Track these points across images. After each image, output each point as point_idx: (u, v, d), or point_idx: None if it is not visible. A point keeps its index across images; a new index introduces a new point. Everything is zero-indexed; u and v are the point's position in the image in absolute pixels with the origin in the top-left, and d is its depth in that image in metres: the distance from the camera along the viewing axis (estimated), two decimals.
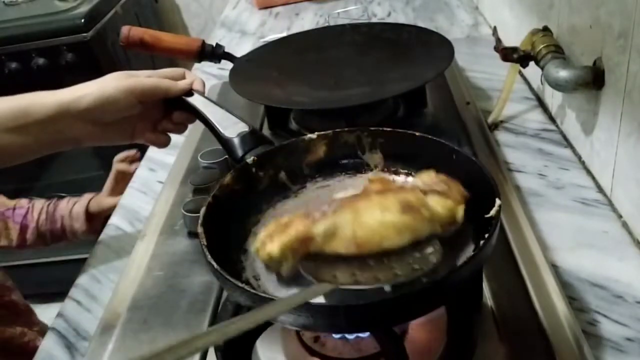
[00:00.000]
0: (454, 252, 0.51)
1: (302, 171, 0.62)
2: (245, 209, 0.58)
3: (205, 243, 0.48)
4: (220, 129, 0.68)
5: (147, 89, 0.70)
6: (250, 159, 0.60)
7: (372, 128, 0.62)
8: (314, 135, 0.62)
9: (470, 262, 0.45)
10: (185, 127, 0.78)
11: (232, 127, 0.67)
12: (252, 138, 0.65)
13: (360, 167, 0.63)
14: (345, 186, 0.60)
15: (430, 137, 0.60)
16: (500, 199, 0.50)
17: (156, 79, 0.72)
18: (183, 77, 0.76)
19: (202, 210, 0.52)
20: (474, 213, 0.51)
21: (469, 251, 0.50)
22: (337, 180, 0.62)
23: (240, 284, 0.45)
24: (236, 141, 0.65)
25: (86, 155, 1.83)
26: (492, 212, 0.49)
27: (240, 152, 0.63)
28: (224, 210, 0.55)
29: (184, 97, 0.74)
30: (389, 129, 0.62)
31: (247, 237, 0.56)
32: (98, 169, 1.77)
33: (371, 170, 0.62)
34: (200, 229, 0.49)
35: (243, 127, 0.66)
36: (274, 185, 0.61)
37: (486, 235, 0.46)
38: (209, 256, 0.47)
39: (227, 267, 0.47)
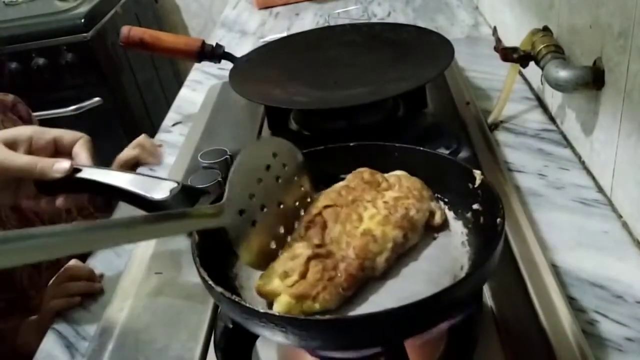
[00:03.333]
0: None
1: None
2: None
3: (205, 271, 0.47)
4: (143, 193, 0.56)
5: (15, 169, 0.60)
6: None
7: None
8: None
9: (472, 276, 0.45)
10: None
11: (156, 188, 0.55)
12: (188, 192, 0.56)
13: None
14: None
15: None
16: (476, 170, 0.53)
17: (30, 160, 0.60)
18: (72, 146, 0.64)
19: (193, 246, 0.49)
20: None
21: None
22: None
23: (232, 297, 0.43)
24: (172, 201, 0.55)
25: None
26: (477, 182, 0.52)
27: None
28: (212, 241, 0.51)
29: (71, 175, 0.60)
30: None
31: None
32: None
33: None
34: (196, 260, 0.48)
35: (170, 185, 0.55)
36: None
37: (491, 246, 0.46)
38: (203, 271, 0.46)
39: (221, 281, 0.46)
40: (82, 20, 1.78)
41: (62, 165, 0.60)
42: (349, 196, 0.53)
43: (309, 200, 0.55)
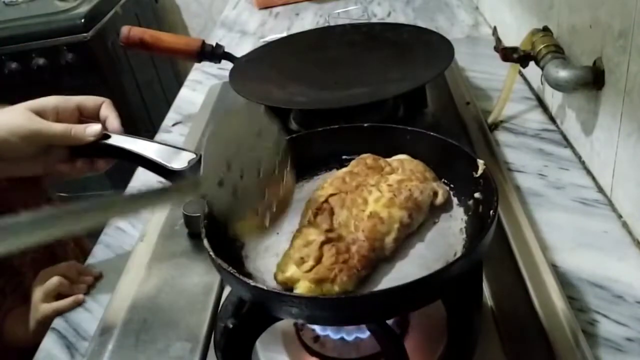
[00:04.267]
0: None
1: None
2: None
3: (208, 243, 0.48)
4: (164, 162, 0.59)
5: (51, 137, 0.63)
6: None
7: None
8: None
9: (462, 259, 0.45)
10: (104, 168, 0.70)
11: (176, 159, 0.59)
12: None
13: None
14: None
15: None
16: (480, 160, 0.54)
17: (64, 128, 0.64)
18: (98, 111, 0.68)
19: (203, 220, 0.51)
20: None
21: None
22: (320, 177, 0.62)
23: (242, 278, 0.45)
24: (189, 171, 0.58)
25: None
26: (480, 171, 0.53)
27: None
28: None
29: (100, 141, 0.65)
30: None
31: None
32: None
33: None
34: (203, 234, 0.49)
35: (189, 156, 0.59)
36: None
37: (483, 230, 0.47)
38: (211, 251, 0.47)
39: (229, 261, 0.47)
40: (82, 20, 1.78)
41: (93, 128, 0.65)
42: (353, 182, 0.54)
43: (288, 168, 0.54)
